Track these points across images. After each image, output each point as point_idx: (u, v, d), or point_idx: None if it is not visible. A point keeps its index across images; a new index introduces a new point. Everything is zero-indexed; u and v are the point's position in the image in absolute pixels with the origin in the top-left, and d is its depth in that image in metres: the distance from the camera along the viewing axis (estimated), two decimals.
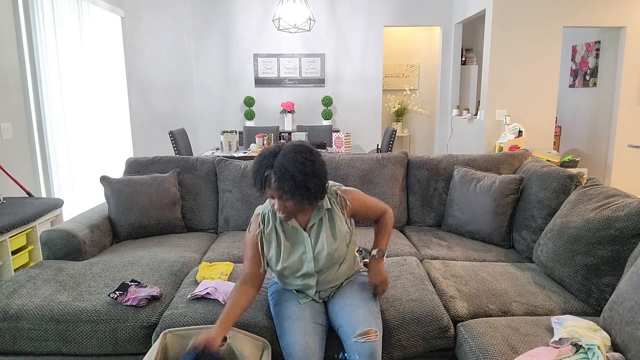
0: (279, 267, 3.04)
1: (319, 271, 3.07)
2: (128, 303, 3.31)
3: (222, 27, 10.96)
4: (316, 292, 3.13)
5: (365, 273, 3.40)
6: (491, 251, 4.33)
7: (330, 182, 3.16)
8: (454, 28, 11.02)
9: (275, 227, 3.06)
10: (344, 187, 3.17)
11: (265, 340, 3.00)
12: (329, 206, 3.06)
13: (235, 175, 5.07)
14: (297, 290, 3.16)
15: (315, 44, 11.10)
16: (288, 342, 2.81)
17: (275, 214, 3.03)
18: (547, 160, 6.85)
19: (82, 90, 7.58)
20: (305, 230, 3.06)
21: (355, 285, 3.20)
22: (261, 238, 3.06)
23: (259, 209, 3.13)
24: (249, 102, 11.06)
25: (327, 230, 3.05)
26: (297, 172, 2.73)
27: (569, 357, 2.60)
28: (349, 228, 3.11)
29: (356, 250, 3.57)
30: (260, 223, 3.07)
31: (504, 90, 8.53)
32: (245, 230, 4.90)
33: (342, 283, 3.24)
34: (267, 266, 3.10)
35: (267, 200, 3.03)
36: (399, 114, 12.53)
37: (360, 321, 2.85)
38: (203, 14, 10.86)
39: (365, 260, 3.61)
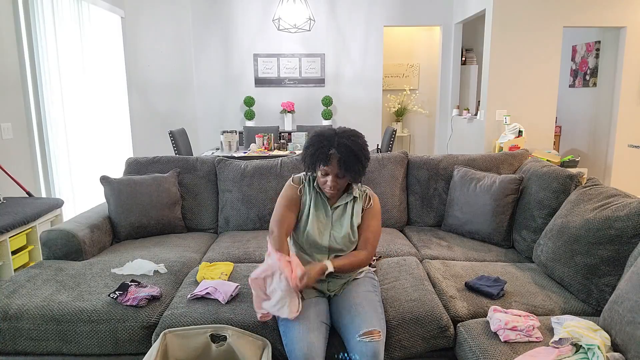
0: (305, 232, 3.26)
1: (331, 249, 3.23)
2: (128, 303, 3.30)
3: (222, 27, 10.97)
4: (326, 281, 3.20)
5: (372, 274, 3.45)
6: (491, 251, 4.33)
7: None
8: (454, 28, 11.02)
9: (312, 195, 3.33)
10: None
11: (266, 339, 2.99)
12: (357, 195, 3.35)
13: (235, 175, 5.07)
14: None
15: (315, 44, 11.10)
16: (292, 338, 2.82)
17: (312, 185, 3.35)
18: (547, 160, 6.85)
19: (82, 90, 7.58)
20: (331, 208, 3.30)
21: (360, 286, 3.24)
22: (303, 192, 3.36)
23: (295, 178, 3.42)
24: (249, 102, 11.07)
25: (348, 217, 3.29)
26: (360, 152, 3.12)
27: (569, 357, 2.60)
28: (358, 225, 3.32)
29: None
30: (303, 181, 3.39)
31: (504, 90, 8.53)
32: (245, 230, 4.96)
33: (348, 281, 3.29)
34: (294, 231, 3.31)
35: (301, 177, 3.40)
36: (399, 114, 12.53)
37: (364, 321, 2.87)
38: (203, 14, 10.87)
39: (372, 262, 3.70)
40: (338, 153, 3.05)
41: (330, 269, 3.03)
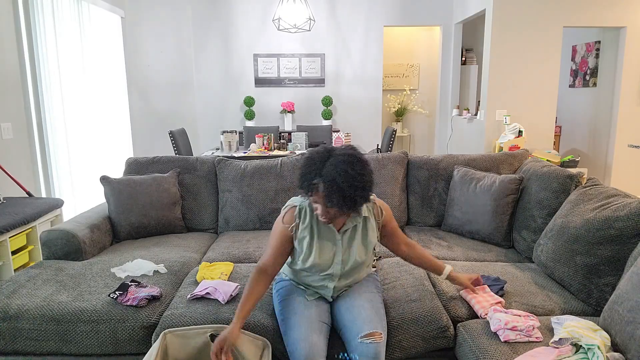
0: (307, 265, 3.04)
1: (343, 274, 3.10)
2: (128, 303, 3.30)
3: (222, 27, 10.98)
4: (331, 288, 3.14)
5: (376, 275, 3.44)
6: (491, 251, 4.33)
7: None
8: (454, 28, 11.03)
9: (311, 224, 3.05)
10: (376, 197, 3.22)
11: (266, 339, 2.99)
12: (366, 214, 3.10)
13: (235, 175, 5.08)
14: (306, 287, 3.18)
15: (315, 44, 11.11)
16: (294, 338, 2.81)
17: (313, 212, 3.04)
18: (547, 160, 6.86)
19: (82, 90, 7.59)
20: (338, 232, 3.07)
21: (362, 287, 3.21)
22: (295, 232, 3.06)
23: (295, 201, 3.12)
24: (249, 102, 11.07)
25: (359, 238, 3.09)
26: (347, 187, 2.71)
27: (569, 357, 2.60)
28: (377, 238, 3.19)
29: None
30: (297, 217, 3.06)
31: (504, 90, 8.53)
32: (245, 230, 4.95)
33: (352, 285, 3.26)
34: (292, 260, 3.15)
35: (294, 213, 3.09)
36: (399, 114, 12.53)
37: (366, 322, 2.86)
38: (203, 14, 10.88)
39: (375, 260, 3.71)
40: (322, 184, 2.74)
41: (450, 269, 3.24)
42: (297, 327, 2.85)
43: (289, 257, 3.15)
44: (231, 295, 3.36)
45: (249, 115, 11.05)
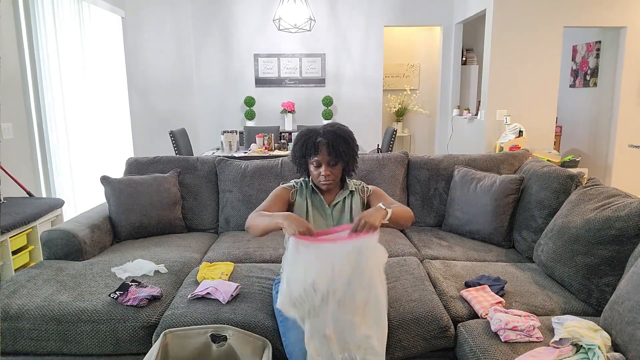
0: None
1: None
2: (128, 303, 3.31)
3: (222, 27, 10.98)
4: None
5: None
6: (492, 251, 4.34)
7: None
8: (454, 28, 11.02)
9: (307, 197, 3.32)
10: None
11: (266, 339, 3.00)
12: (353, 189, 3.38)
13: (236, 175, 5.09)
14: None
15: (316, 44, 11.11)
16: (292, 339, 2.83)
17: (308, 186, 3.38)
18: (548, 160, 6.85)
19: (82, 90, 7.58)
20: (329, 206, 3.31)
21: None
22: (294, 196, 3.34)
23: (287, 184, 3.42)
24: (250, 102, 11.07)
25: (348, 212, 3.30)
26: (347, 136, 3.18)
27: (569, 357, 2.61)
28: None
29: None
30: (294, 192, 3.36)
31: (504, 90, 8.53)
32: (245, 230, 4.91)
33: None
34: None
35: (292, 183, 3.42)
36: (400, 114, 12.54)
37: None
38: (203, 14, 10.89)
39: None
40: (325, 139, 3.12)
41: (389, 214, 2.93)
42: (295, 329, 2.82)
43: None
44: (232, 295, 3.36)
45: (250, 115, 11.05)
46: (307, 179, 3.41)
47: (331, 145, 3.10)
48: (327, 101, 11.09)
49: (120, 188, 4.80)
